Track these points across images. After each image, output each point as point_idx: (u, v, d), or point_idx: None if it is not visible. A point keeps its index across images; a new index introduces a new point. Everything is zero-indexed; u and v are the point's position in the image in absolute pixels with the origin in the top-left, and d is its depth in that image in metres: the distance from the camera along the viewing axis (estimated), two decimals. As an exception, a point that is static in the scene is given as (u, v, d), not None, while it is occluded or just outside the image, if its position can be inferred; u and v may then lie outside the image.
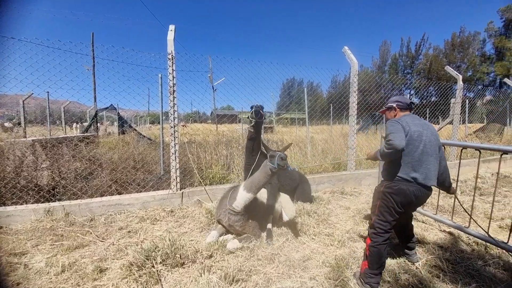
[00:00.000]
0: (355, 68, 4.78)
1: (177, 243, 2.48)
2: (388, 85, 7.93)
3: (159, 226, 3.09)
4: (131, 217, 3.29)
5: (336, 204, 3.93)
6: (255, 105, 3.01)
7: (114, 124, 13.23)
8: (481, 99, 12.11)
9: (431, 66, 39.09)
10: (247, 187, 2.61)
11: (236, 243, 2.56)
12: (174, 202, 3.68)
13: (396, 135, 1.98)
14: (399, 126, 2.05)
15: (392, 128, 2.07)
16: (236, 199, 2.63)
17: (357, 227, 3.09)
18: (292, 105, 15.60)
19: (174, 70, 3.57)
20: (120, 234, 2.87)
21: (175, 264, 2.24)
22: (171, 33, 3.63)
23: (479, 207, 3.72)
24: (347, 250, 2.56)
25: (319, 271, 2.24)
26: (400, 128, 2.03)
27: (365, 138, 7.74)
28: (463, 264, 2.30)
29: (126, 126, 8.53)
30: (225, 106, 37.49)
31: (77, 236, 2.75)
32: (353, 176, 4.88)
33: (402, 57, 44.23)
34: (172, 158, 3.63)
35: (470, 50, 38.88)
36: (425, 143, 2.04)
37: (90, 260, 2.34)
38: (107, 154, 5.01)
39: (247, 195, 2.58)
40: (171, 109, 3.60)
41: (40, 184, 3.63)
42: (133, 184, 3.80)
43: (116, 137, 7.75)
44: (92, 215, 3.27)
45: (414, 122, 2.11)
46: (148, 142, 6.95)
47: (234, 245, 2.53)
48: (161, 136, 4.43)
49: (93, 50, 6.53)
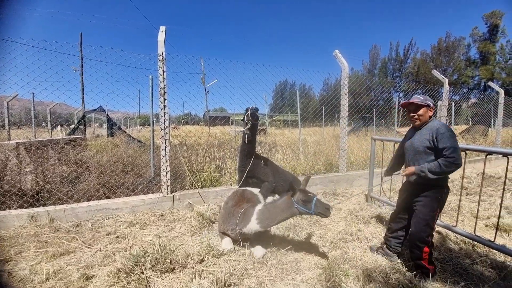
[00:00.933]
0: (346, 71, 4.86)
1: (167, 248, 2.42)
2: (378, 88, 8.09)
3: (149, 231, 3.01)
4: (120, 222, 3.20)
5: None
6: (250, 107, 2.98)
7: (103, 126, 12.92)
8: (466, 101, 12.54)
9: (419, 70, 40.31)
10: (261, 221, 2.34)
11: (263, 250, 2.50)
12: (165, 205, 3.60)
13: (459, 150, 1.89)
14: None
15: (455, 142, 1.93)
16: (247, 227, 2.40)
17: (348, 228, 3.11)
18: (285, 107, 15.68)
19: (164, 72, 3.52)
20: (108, 239, 2.78)
21: (165, 269, 2.18)
22: (161, 34, 3.58)
23: (466, 206, 3.82)
24: (339, 252, 2.57)
25: (311, 273, 2.23)
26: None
27: (356, 139, 7.85)
28: (451, 263, 2.35)
29: (115, 128, 8.34)
30: (217, 108, 37.39)
31: (62, 243, 2.65)
32: (344, 178, 4.93)
33: (391, 61, 45.43)
34: (162, 161, 3.56)
35: (456, 55, 40.37)
36: None
37: (76, 267, 2.26)
38: (95, 157, 4.87)
39: (259, 229, 2.37)
40: (162, 111, 3.54)
41: (23, 188, 3.49)
42: (122, 188, 3.70)
43: (105, 140, 7.56)
44: (78, 221, 3.16)
45: None
46: (138, 144, 6.81)
47: (261, 252, 2.47)
48: (151, 139, 4.35)
49: (81, 50, 6.38)
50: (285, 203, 2.33)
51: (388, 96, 28.00)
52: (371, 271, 2.20)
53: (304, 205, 2.21)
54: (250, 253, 2.50)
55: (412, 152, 2.18)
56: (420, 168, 2.02)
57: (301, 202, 2.23)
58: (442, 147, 1.93)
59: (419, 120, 2.15)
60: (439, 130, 1.99)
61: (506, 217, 3.38)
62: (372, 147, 3.96)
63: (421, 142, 2.09)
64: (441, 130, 1.98)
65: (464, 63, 39.49)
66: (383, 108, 10.27)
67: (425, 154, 2.07)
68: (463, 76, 38.92)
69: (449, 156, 1.87)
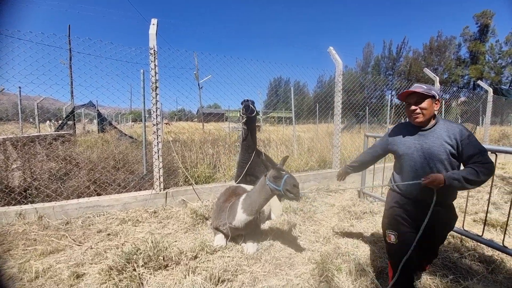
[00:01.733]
0: (340, 68, 4.87)
1: (160, 244, 2.39)
2: (371, 85, 8.17)
3: (141, 228, 2.97)
4: (111, 219, 3.14)
5: (322, 201, 3.98)
6: (244, 99, 2.94)
7: (93, 122, 12.62)
8: (456, 100, 12.83)
9: (411, 68, 40.86)
10: (246, 209, 2.34)
11: (255, 246, 2.50)
12: (158, 202, 3.56)
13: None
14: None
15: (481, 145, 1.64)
16: (235, 219, 2.39)
17: (341, 223, 3.15)
18: (279, 104, 15.69)
19: (156, 66, 3.45)
20: (99, 237, 2.73)
21: (158, 266, 2.16)
22: (153, 27, 3.49)
23: (455, 201, 3.90)
24: (332, 246, 2.60)
25: (305, 268, 2.25)
26: None
27: (350, 136, 7.93)
28: (440, 257, 2.40)
29: (105, 124, 8.16)
30: (211, 104, 37.09)
31: (52, 241, 2.59)
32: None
33: (384, 59, 45.84)
34: (155, 157, 3.50)
35: (447, 54, 41.06)
36: None
37: (66, 265, 2.21)
38: (85, 153, 4.76)
39: (247, 218, 2.35)
40: (154, 106, 3.47)
41: (11, 185, 3.38)
42: (113, 185, 3.63)
43: (95, 136, 7.40)
44: (68, 218, 3.08)
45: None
46: (130, 140, 6.69)
47: (253, 248, 2.47)
48: (143, 134, 4.27)
49: (70, 42, 6.18)
50: (261, 183, 2.24)
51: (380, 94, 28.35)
52: (363, 265, 2.23)
53: (275, 181, 2.06)
54: (243, 249, 2.50)
55: (424, 158, 1.76)
56: (452, 176, 1.58)
57: (272, 178, 2.09)
58: (473, 153, 1.59)
59: (423, 116, 1.73)
60: (463, 133, 1.66)
61: (493, 212, 3.49)
62: (365, 144, 4.00)
63: (441, 146, 1.69)
64: (465, 132, 1.66)
65: (454, 62, 40.24)
66: (376, 105, 10.39)
67: (447, 162, 1.70)
68: (453, 75, 39.68)
69: (485, 163, 1.54)
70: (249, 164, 3.07)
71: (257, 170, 3.16)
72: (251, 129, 3.09)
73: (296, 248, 2.59)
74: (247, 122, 3.00)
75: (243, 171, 3.05)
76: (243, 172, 3.06)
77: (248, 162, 3.05)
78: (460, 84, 40.15)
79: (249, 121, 3.01)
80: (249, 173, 3.13)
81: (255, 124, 3.17)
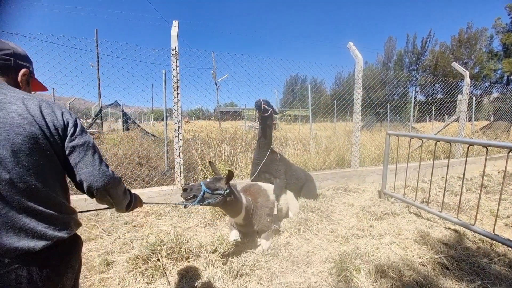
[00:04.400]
0: (360, 64, 4.73)
1: (181, 237, 2.51)
2: (393, 82, 7.83)
3: (164, 221, 3.12)
4: (136, 211, 3.33)
5: (340, 200, 3.93)
6: (257, 100, 2.98)
7: (118, 121, 13.32)
8: (488, 96, 11.92)
9: (437, 63, 38.51)
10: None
11: (268, 243, 2.56)
12: (179, 197, 3.70)
13: None
14: None
15: None
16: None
17: (361, 224, 3.09)
18: (296, 102, 15.53)
19: (178, 66, 3.57)
20: (126, 228, 2.91)
21: (180, 258, 2.27)
22: (174, 29, 3.62)
23: (485, 205, 3.68)
24: (351, 247, 2.56)
25: (322, 267, 2.25)
26: None
27: (370, 135, 7.69)
28: (468, 262, 2.29)
29: (130, 123, 8.59)
30: (228, 103, 37.54)
31: (85, 230, 2.80)
32: (356, 173, 4.86)
33: (407, 54, 43.61)
34: (176, 154, 3.65)
35: (477, 47, 38.17)
36: None
37: (97, 253, 2.39)
38: (112, 150, 5.05)
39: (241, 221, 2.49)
40: (175, 105, 3.61)
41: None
42: (138, 180, 3.84)
43: (120, 134, 7.82)
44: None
45: None
46: (152, 138, 6.99)
47: (266, 245, 2.53)
48: (165, 133, 4.45)
49: (97, 46, 6.58)
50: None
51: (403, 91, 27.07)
52: (383, 267, 2.19)
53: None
54: (258, 245, 2.55)
55: None
56: None
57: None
58: None
59: None
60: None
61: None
62: (387, 142, 3.88)
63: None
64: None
65: (486, 56, 37.31)
66: (398, 103, 9.95)
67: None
68: (485, 69, 36.80)
69: None
70: (264, 162, 3.11)
71: (271, 168, 3.19)
72: (265, 127, 3.13)
73: (314, 246, 2.59)
74: (261, 121, 3.06)
75: (258, 168, 3.10)
76: (258, 169, 3.11)
77: (262, 160, 3.10)
78: (493, 79, 37.17)
79: (263, 120, 3.06)
80: (264, 170, 3.17)
81: (270, 123, 3.21)
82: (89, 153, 0.99)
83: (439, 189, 4.44)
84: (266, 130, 3.15)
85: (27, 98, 0.91)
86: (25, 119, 0.86)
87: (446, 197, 3.67)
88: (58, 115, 0.95)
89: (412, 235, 2.79)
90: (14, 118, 0.84)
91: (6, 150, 0.82)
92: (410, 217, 3.27)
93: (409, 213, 3.40)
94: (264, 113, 3.01)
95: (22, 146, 0.84)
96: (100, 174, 1.00)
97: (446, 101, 7.19)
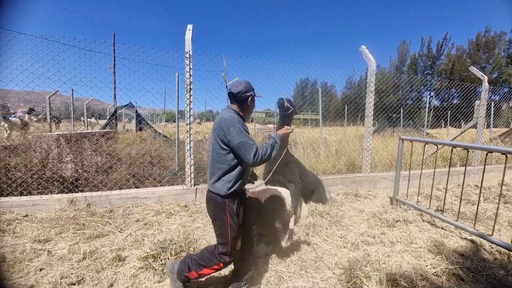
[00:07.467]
0: (373, 67, 4.67)
1: (190, 237, 2.55)
2: (407, 86, 7.65)
3: (174, 220, 3.17)
4: (148, 210, 3.41)
5: (350, 206, 3.86)
6: (280, 97, 2.98)
7: (131, 122, 13.70)
8: (507, 102, 11.43)
9: (454, 67, 37.30)
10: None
11: (266, 248, 2.49)
12: (188, 197, 3.76)
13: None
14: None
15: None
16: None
17: (371, 230, 3.02)
18: (306, 105, 15.42)
19: (191, 69, 3.65)
20: (137, 225, 2.98)
21: (189, 257, 2.29)
22: (189, 33, 3.71)
23: (503, 215, 3.52)
24: (361, 253, 2.51)
25: (331, 273, 2.21)
26: None
27: (382, 140, 7.53)
28: (484, 273, 2.20)
29: (143, 124, 8.81)
30: (238, 106, 37.63)
31: (98, 226, 2.89)
32: (368, 179, 4.77)
33: (422, 57, 42.46)
34: (187, 155, 3.71)
35: (496, 51, 36.70)
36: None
37: (110, 249, 2.46)
38: (126, 149, 5.20)
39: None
40: (187, 107, 3.68)
41: (64, 175, 3.84)
42: (150, 179, 3.93)
43: (133, 134, 8.03)
44: (111, 207, 3.41)
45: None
46: (163, 139, 7.14)
47: (262, 250, 2.47)
48: (176, 133, 4.54)
49: (114, 50, 6.84)
50: None
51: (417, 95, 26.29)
52: (395, 275, 2.13)
53: None
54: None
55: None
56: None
57: None
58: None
59: None
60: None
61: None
62: (400, 147, 3.79)
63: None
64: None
65: (505, 60, 35.79)
66: (412, 107, 9.70)
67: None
68: (504, 74, 35.25)
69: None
70: (278, 163, 3.07)
71: (287, 170, 3.15)
72: (285, 125, 3.10)
73: (322, 251, 2.56)
74: (282, 118, 3.03)
75: (273, 168, 3.03)
76: (273, 168, 3.05)
77: (278, 158, 3.04)
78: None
79: (284, 118, 3.02)
80: (278, 171, 3.11)
81: (290, 122, 3.15)
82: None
83: (454, 198, 4.29)
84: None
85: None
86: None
87: (462, 206, 3.54)
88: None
89: (425, 244, 2.70)
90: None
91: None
92: (423, 226, 3.17)
93: (422, 221, 3.30)
94: (286, 111, 2.98)
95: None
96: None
97: (462, 106, 6.95)
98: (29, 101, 50.00)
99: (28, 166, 3.72)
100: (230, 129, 1.63)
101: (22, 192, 3.42)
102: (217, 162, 1.72)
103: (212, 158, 1.76)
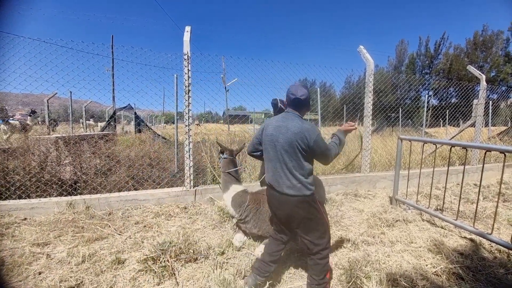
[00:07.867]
0: (371, 67, 4.68)
1: (190, 239, 2.54)
2: (405, 85, 7.67)
3: (173, 222, 3.16)
4: (147, 212, 3.40)
5: (349, 206, 3.86)
6: (273, 98, 2.99)
7: (130, 123, 13.71)
8: (505, 101, 11.49)
9: (452, 66, 37.45)
10: (222, 189, 2.67)
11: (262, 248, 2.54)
12: (188, 199, 3.75)
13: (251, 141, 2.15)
14: (257, 132, 2.11)
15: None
16: (227, 207, 2.63)
17: (371, 230, 3.02)
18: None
19: (189, 70, 3.65)
20: (137, 228, 2.97)
21: (188, 259, 2.29)
22: (187, 34, 3.71)
23: (503, 213, 3.53)
24: (361, 253, 2.51)
25: (331, 273, 2.21)
26: (257, 134, 2.09)
27: (381, 140, 7.54)
28: (484, 272, 2.20)
29: (142, 125, 8.80)
30: (237, 107, 37.78)
31: (97, 229, 2.88)
32: (367, 179, 4.77)
33: (420, 57, 42.65)
34: (186, 156, 3.70)
35: (494, 50, 36.88)
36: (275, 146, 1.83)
37: (109, 251, 2.44)
38: (125, 151, 5.19)
39: (233, 213, 2.56)
40: (186, 108, 3.68)
41: (63, 178, 3.82)
42: (149, 181, 3.92)
43: (132, 136, 8.02)
44: (110, 209, 3.40)
45: (273, 124, 1.88)
46: (162, 141, 7.13)
47: (257, 250, 2.49)
48: (175, 135, 4.54)
49: (113, 52, 6.84)
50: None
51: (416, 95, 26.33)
52: (395, 275, 2.13)
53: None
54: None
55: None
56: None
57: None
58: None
59: None
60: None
61: (551, 227, 3.09)
62: (399, 147, 3.80)
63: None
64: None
65: (502, 59, 35.95)
66: (410, 107, 9.73)
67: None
68: (502, 73, 35.40)
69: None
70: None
71: None
72: None
73: (323, 251, 2.55)
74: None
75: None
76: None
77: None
78: (510, 83, 35.76)
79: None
80: None
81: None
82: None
83: (453, 197, 4.29)
84: None
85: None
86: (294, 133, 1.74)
87: (462, 205, 3.55)
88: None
89: (425, 243, 2.71)
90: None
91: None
92: (423, 225, 3.17)
93: (422, 220, 3.31)
94: (280, 112, 3.00)
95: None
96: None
97: (461, 105, 6.98)
98: (27, 104, 49.96)
99: (27, 169, 3.71)
100: (315, 139, 1.75)
101: (21, 195, 3.40)
102: (295, 169, 1.81)
103: (285, 164, 1.80)
